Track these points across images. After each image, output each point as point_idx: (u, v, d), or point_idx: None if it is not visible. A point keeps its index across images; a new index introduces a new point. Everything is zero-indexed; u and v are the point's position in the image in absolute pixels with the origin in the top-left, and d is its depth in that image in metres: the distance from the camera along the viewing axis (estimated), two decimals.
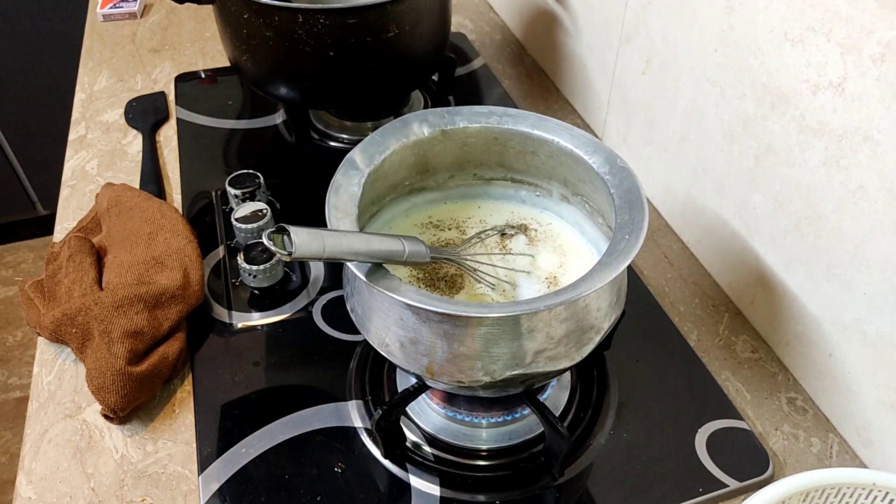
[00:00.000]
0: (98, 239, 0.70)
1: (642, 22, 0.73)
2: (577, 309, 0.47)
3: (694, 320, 0.68)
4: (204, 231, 0.75)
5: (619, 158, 0.52)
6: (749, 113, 0.61)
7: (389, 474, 0.55)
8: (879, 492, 0.46)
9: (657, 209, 0.79)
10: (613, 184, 0.51)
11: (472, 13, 1.17)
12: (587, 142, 0.54)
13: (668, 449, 0.57)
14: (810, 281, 0.59)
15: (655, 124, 0.75)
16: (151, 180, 0.83)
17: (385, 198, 0.59)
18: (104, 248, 0.69)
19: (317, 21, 0.71)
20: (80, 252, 0.66)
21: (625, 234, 0.47)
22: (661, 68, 0.72)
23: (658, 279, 0.72)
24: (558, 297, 0.43)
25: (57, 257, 0.68)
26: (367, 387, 0.61)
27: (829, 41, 0.51)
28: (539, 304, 0.43)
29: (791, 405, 0.62)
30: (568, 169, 0.56)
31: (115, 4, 1.13)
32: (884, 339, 0.53)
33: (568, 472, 0.56)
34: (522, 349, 0.46)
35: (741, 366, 0.65)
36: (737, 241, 0.67)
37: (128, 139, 0.90)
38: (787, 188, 0.59)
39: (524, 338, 0.45)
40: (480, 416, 0.58)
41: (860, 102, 0.50)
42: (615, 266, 0.44)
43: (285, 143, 0.89)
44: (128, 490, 0.55)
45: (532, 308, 0.43)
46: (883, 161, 0.49)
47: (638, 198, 0.49)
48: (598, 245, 0.57)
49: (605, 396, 0.61)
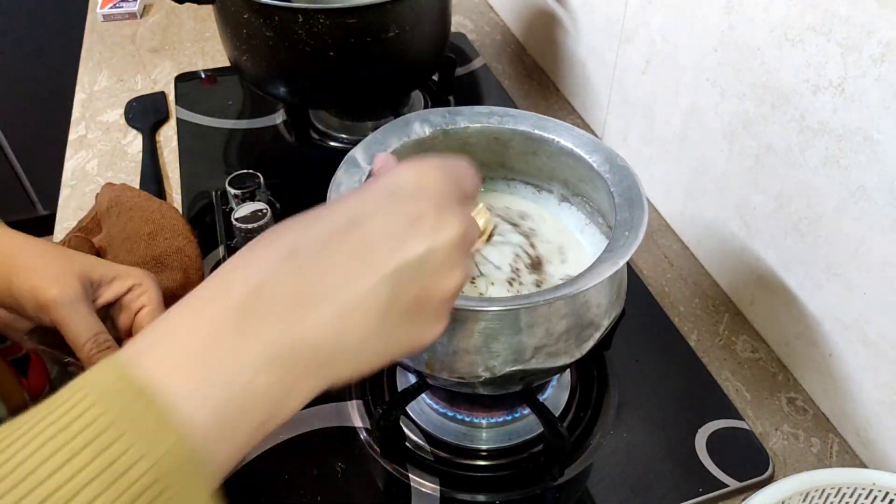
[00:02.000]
0: (98, 239, 0.70)
1: (642, 22, 0.73)
2: (576, 304, 0.47)
3: (694, 320, 0.68)
4: (204, 231, 0.75)
5: (618, 157, 0.52)
6: (749, 113, 0.61)
7: (389, 474, 0.55)
8: (879, 492, 0.46)
9: (657, 209, 0.79)
10: (613, 182, 0.51)
11: (472, 13, 1.17)
12: (587, 141, 0.54)
13: (668, 449, 0.57)
14: (810, 281, 0.59)
15: (655, 124, 0.75)
16: (151, 180, 0.83)
17: None
18: (104, 249, 0.69)
19: (317, 21, 0.71)
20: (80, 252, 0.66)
21: (624, 231, 0.47)
22: (661, 68, 0.72)
23: (658, 279, 0.72)
24: (558, 292, 0.43)
25: None
26: (367, 386, 0.61)
27: (829, 41, 0.51)
28: (539, 299, 0.43)
29: (791, 405, 0.62)
30: (568, 169, 0.56)
31: (115, 4, 1.13)
32: (884, 339, 0.53)
33: (568, 472, 0.56)
34: (522, 344, 0.46)
35: (741, 366, 0.65)
36: (737, 241, 0.67)
37: (128, 139, 0.90)
38: (787, 188, 0.59)
39: (524, 333, 0.46)
40: (480, 416, 0.58)
41: (860, 102, 0.50)
42: (615, 261, 0.44)
43: (285, 143, 0.89)
44: None
45: (531, 302, 0.43)
46: (883, 161, 0.49)
47: (638, 195, 0.49)
48: (598, 245, 0.57)
49: (605, 396, 0.61)
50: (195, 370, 0.27)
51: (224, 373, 0.27)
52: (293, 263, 0.30)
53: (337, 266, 0.30)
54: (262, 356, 0.28)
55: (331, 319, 0.29)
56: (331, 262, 0.30)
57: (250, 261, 0.30)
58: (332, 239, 0.31)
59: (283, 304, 0.29)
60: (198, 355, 0.27)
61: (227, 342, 0.27)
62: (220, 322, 0.28)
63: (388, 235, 0.31)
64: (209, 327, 0.28)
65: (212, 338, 0.27)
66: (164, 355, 0.27)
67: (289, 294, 0.29)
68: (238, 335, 0.28)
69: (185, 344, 0.27)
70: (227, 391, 0.27)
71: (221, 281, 0.30)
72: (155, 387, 0.26)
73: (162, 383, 0.26)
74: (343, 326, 0.30)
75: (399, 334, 0.32)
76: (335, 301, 0.30)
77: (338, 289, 0.30)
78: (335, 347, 0.30)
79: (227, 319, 0.28)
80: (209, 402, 0.26)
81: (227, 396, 0.27)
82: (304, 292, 0.29)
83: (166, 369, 0.26)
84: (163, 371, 0.26)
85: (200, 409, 0.26)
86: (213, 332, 0.27)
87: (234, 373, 0.27)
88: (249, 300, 0.28)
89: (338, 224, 0.32)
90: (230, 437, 0.27)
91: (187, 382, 0.26)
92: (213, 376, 0.27)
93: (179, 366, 0.27)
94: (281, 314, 0.28)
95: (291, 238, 0.31)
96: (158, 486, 0.24)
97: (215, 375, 0.27)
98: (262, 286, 0.29)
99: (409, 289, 0.31)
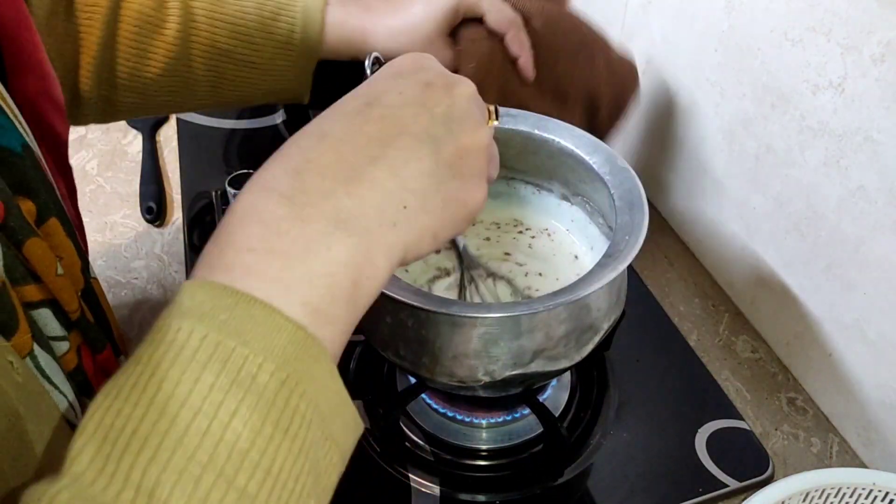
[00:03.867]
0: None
1: (642, 22, 0.73)
2: (576, 309, 0.47)
3: (694, 320, 0.68)
4: (204, 231, 0.75)
5: (618, 159, 0.52)
6: (749, 113, 0.61)
7: (389, 474, 0.55)
8: (879, 492, 0.46)
9: (657, 209, 0.79)
10: (614, 184, 0.51)
11: None
12: (588, 142, 0.54)
13: (668, 449, 0.57)
14: (810, 281, 0.59)
15: (656, 124, 0.75)
16: (151, 180, 0.83)
17: None
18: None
19: None
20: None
21: (625, 235, 0.47)
22: (661, 68, 0.72)
23: (658, 279, 0.72)
24: (557, 298, 0.43)
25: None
26: (367, 386, 0.61)
27: (829, 41, 0.51)
28: (539, 305, 0.43)
29: (791, 405, 0.62)
30: (568, 169, 0.56)
31: None
32: (884, 339, 0.53)
33: (568, 472, 0.56)
34: (522, 349, 0.46)
35: (741, 366, 0.65)
36: (737, 241, 0.67)
37: (128, 139, 0.90)
38: (787, 188, 0.59)
39: (523, 338, 0.45)
40: (480, 417, 0.58)
41: (860, 102, 0.50)
42: (614, 266, 0.44)
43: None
44: None
45: (532, 309, 0.43)
46: (883, 161, 0.49)
47: (638, 198, 0.49)
48: (598, 245, 0.57)
49: (605, 396, 0.61)
50: (277, 269, 0.27)
51: (301, 259, 0.27)
52: (327, 144, 0.30)
53: (371, 136, 0.31)
54: (329, 226, 0.28)
55: (386, 177, 0.30)
56: (364, 134, 0.31)
57: (283, 153, 0.31)
58: (357, 117, 0.32)
59: (332, 178, 0.29)
60: (272, 254, 0.27)
61: (293, 231, 0.28)
62: (279, 217, 0.28)
63: (407, 103, 0.32)
64: (272, 227, 0.28)
65: (277, 236, 0.27)
66: (244, 270, 0.27)
67: (334, 169, 0.30)
68: (299, 221, 0.28)
69: (258, 250, 0.27)
70: (309, 274, 0.27)
71: (264, 181, 0.30)
72: (249, 296, 0.26)
73: (252, 291, 0.26)
74: (400, 182, 0.30)
75: (451, 190, 0.33)
76: (382, 164, 0.30)
77: (380, 155, 0.30)
78: (397, 205, 0.30)
79: (283, 213, 0.28)
80: (299, 293, 0.27)
81: (310, 279, 0.27)
82: (348, 164, 0.30)
83: (250, 279, 0.26)
84: (248, 281, 0.26)
85: (294, 303, 0.26)
86: (276, 230, 0.28)
87: (309, 252, 0.27)
88: (296, 186, 0.29)
89: (356, 106, 0.32)
90: (331, 315, 0.28)
91: (275, 283, 0.26)
92: (293, 265, 0.27)
93: (261, 271, 0.27)
94: (331, 188, 0.29)
95: (316, 126, 0.32)
96: (290, 381, 0.25)
97: (295, 265, 0.27)
98: (303, 171, 0.29)
99: (444, 142, 0.32)
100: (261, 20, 0.55)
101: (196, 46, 0.55)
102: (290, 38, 0.56)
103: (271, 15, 0.55)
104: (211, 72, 0.56)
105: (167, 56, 0.55)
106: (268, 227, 0.28)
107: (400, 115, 0.32)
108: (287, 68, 0.57)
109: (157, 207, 0.79)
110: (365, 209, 0.29)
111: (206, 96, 0.58)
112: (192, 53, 0.55)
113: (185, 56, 0.55)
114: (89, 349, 0.37)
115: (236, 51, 0.55)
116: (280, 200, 0.28)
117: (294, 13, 0.56)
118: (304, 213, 0.28)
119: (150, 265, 0.74)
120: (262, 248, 0.27)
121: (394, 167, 0.30)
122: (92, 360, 0.37)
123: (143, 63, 0.55)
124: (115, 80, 0.55)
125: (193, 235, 0.76)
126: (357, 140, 0.31)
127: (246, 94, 0.59)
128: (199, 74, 0.56)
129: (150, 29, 0.54)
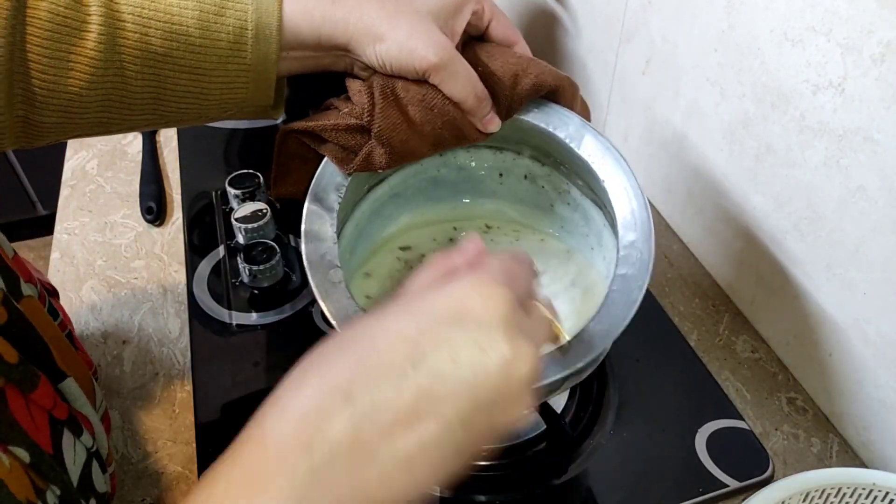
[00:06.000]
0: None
1: (642, 22, 0.73)
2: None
3: (694, 320, 0.68)
4: (204, 231, 0.75)
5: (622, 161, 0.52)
6: (749, 113, 0.61)
7: None
8: (879, 492, 0.46)
9: (657, 209, 0.79)
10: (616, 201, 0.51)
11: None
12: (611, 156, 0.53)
13: (668, 449, 0.57)
14: (810, 281, 0.59)
15: (655, 124, 0.75)
16: (151, 180, 0.83)
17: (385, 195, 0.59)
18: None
19: None
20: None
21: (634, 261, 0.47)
22: (661, 68, 0.72)
23: (658, 279, 0.72)
24: (586, 357, 0.43)
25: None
26: None
27: (829, 41, 0.51)
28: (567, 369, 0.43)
29: (791, 405, 0.62)
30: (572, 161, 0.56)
31: None
32: (884, 339, 0.53)
33: (568, 472, 0.56)
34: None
35: (741, 366, 0.65)
36: (737, 241, 0.67)
37: (128, 139, 0.90)
38: (787, 188, 0.59)
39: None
40: None
41: (860, 102, 0.50)
42: (610, 334, 0.44)
43: None
44: (128, 490, 0.55)
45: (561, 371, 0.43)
46: (883, 161, 0.49)
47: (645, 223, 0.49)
48: (602, 240, 0.57)
49: (605, 396, 0.61)
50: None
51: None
52: (348, 414, 0.28)
53: (399, 414, 0.28)
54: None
55: (393, 469, 0.28)
56: (392, 410, 0.28)
57: (300, 405, 0.29)
58: (390, 381, 0.29)
59: (345, 458, 0.28)
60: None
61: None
62: (291, 488, 0.27)
63: (458, 378, 0.29)
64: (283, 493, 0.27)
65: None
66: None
67: (347, 450, 0.28)
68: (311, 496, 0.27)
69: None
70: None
71: (271, 439, 0.28)
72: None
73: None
74: (411, 469, 0.28)
75: (463, 458, 0.30)
76: (397, 453, 0.28)
77: (400, 440, 0.28)
78: (404, 488, 0.28)
79: (296, 486, 0.27)
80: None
81: None
82: (363, 446, 0.28)
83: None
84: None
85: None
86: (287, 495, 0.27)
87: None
88: (311, 463, 0.27)
89: (395, 361, 0.29)
90: None
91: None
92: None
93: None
94: (345, 470, 0.27)
95: (345, 375, 0.29)
96: None
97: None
98: (317, 445, 0.28)
99: (476, 427, 0.29)
100: (201, 16, 0.46)
101: (125, 51, 0.45)
102: (240, 37, 0.47)
103: (215, 9, 0.46)
104: (148, 82, 0.47)
105: (92, 65, 0.45)
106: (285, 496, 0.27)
107: (443, 395, 0.29)
108: (240, 74, 0.48)
109: (157, 207, 0.79)
110: (370, 493, 0.28)
111: (146, 112, 0.48)
112: (122, 60, 0.46)
113: (114, 64, 0.45)
114: (18, 389, 0.35)
115: (174, 54, 0.46)
116: (296, 476, 0.27)
117: (243, 5, 0.47)
118: (316, 489, 0.27)
119: (150, 265, 0.74)
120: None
121: (408, 458, 0.28)
122: (24, 401, 0.35)
123: (63, 74, 0.44)
124: (33, 97, 0.45)
125: (193, 235, 0.76)
126: (380, 420, 0.28)
127: (194, 107, 0.49)
128: (135, 86, 0.47)
129: (67, 32, 0.44)
